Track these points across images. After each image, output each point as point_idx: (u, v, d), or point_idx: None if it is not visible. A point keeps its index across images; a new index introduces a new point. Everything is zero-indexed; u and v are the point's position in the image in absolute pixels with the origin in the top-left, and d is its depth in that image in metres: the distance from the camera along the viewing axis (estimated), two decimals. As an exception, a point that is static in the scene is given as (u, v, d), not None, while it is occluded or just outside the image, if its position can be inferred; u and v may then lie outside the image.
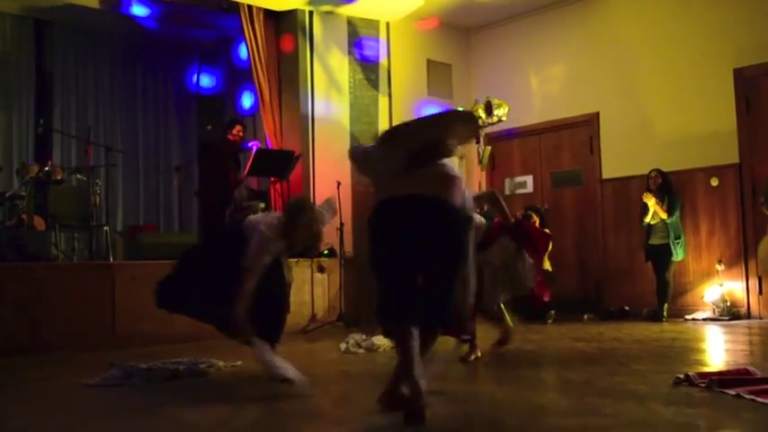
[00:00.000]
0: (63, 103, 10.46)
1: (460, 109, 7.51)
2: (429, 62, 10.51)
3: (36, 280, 6.48)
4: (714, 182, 8.48)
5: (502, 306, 5.77)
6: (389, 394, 3.52)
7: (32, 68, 10.30)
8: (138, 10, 9.64)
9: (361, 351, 5.99)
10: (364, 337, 6.31)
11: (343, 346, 6.15)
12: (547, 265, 8.75)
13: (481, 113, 9.03)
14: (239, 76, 10.52)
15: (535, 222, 8.71)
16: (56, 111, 10.38)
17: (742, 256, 8.29)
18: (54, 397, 4.36)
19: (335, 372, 5.26)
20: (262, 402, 4.06)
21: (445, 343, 5.31)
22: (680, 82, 8.76)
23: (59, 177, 8.51)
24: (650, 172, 8.54)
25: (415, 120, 4.37)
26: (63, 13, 9.85)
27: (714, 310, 8.22)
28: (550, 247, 8.70)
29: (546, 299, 6.10)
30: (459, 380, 4.88)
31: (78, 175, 9.02)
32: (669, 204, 8.35)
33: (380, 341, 6.18)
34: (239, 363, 5.26)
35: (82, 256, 8.39)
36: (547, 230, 8.76)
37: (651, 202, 8.38)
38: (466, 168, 8.94)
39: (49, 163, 8.66)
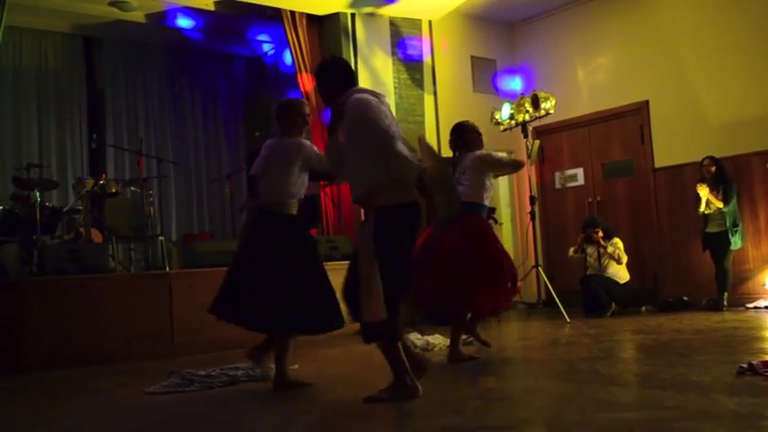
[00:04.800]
0: (115, 118, 10.67)
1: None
2: (473, 58, 10.46)
3: (95, 292, 6.61)
4: (771, 166, 8.28)
5: None
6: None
7: (84, 85, 10.55)
8: (184, 22, 9.82)
9: (416, 351, 5.96)
10: (420, 336, 6.29)
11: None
12: (626, 276, 8.65)
13: (528, 107, 8.97)
14: (285, 82, 10.60)
15: (600, 236, 8.62)
16: (108, 125, 10.60)
17: (804, 240, 8.09)
18: (115, 406, 4.43)
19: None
20: (318, 405, 4.08)
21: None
22: (730, 65, 8.57)
23: (114, 190, 8.67)
24: (703, 160, 8.31)
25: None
26: (111, 30, 10.06)
27: (776, 298, 8.03)
28: (625, 258, 8.61)
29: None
30: (514, 376, 4.84)
31: (132, 188, 9.18)
32: (724, 192, 8.11)
33: (436, 341, 6.17)
34: (296, 366, 5.29)
35: (139, 267, 8.54)
36: (616, 240, 8.68)
37: (704, 192, 8.16)
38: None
39: (104, 177, 8.83)
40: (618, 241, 8.70)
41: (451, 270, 5.18)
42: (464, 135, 5.65)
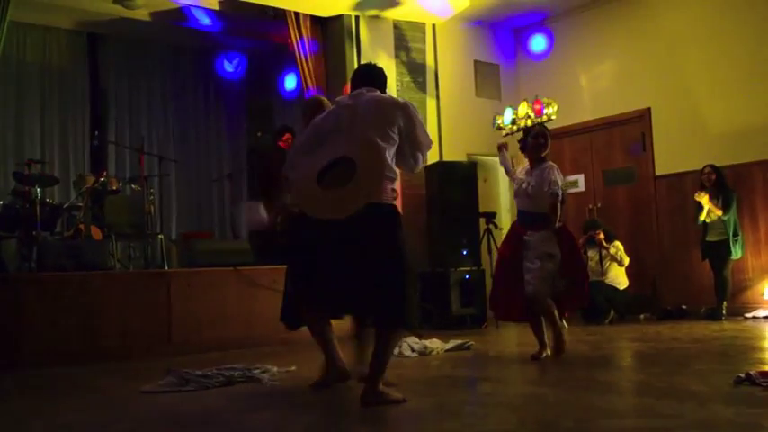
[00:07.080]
0: (117, 115, 10.69)
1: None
2: (476, 63, 10.47)
3: (94, 289, 6.59)
4: (772, 175, 8.28)
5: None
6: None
7: (87, 82, 10.57)
8: (188, 21, 9.81)
9: (414, 355, 5.97)
10: (417, 341, 6.28)
11: (396, 350, 6.12)
12: (625, 282, 8.66)
13: (530, 113, 8.95)
14: (289, 83, 10.61)
15: (601, 238, 8.62)
16: (110, 123, 10.62)
17: (804, 251, 8.08)
18: (111, 404, 4.42)
19: (389, 375, 5.25)
20: (315, 407, 4.07)
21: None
22: (732, 73, 8.57)
23: (114, 188, 8.67)
24: (704, 168, 8.33)
25: None
26: (115, 27, 10.08)
27: (775, 308, 8.02)
28: (627, 260, 8.62)
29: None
30: (511, 382, 4.84)
31: (133, 185, 9.18)
32: (724, 201, 8.11)
33: (433, 345, 6.16)
34: (293, 368, 5.30)
35: (138, 265, 8.53)
36: (617, 243, 8.69)
37: (704, 200, 8.16)
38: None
39: (105, 174, 8.83)
40: (619, 244, 8.70)
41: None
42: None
